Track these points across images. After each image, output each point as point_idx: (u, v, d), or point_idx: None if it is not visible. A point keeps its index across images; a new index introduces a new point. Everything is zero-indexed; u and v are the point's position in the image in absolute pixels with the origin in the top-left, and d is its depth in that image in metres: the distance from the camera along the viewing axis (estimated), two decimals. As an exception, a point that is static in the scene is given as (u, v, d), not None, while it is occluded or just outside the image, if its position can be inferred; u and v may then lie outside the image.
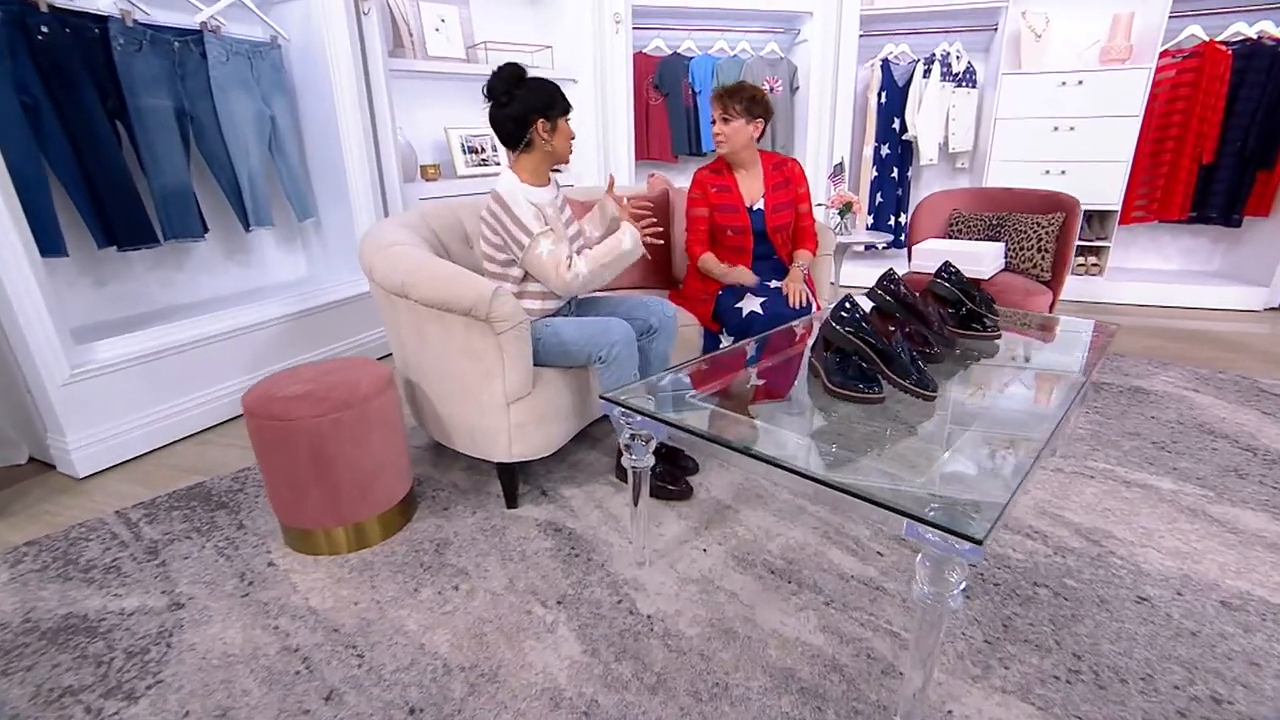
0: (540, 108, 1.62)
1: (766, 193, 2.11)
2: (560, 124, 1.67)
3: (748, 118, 1.98)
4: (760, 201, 2.12)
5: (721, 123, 2.00)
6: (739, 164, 2.11)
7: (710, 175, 2.14)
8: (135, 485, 1.92)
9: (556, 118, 1.66)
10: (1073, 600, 1.32)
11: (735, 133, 1.99)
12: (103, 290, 2.39)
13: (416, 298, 1.55)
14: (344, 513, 1.55)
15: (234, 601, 1.39)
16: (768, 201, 2.11)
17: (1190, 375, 2.54)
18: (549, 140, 1.66)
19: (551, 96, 1.64)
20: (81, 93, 2.02)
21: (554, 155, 1.70)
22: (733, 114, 1.97)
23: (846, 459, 1.12)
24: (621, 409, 1.30)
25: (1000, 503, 0.93)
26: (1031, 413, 1.33)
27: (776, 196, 2.12)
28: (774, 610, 1.34)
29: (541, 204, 1.67)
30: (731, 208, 2.11)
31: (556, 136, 1.67)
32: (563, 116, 1.67)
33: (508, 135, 1.66)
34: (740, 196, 2.11)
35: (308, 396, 1.47)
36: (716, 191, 2.11)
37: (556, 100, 1.65)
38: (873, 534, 1.59)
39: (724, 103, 1.97)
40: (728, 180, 2.12)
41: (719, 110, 1.99)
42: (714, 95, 2.00)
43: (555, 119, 1.66)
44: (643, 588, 1.41)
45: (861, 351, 1.31)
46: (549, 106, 1.63)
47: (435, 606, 1.38)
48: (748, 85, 1.98)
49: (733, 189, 2.11)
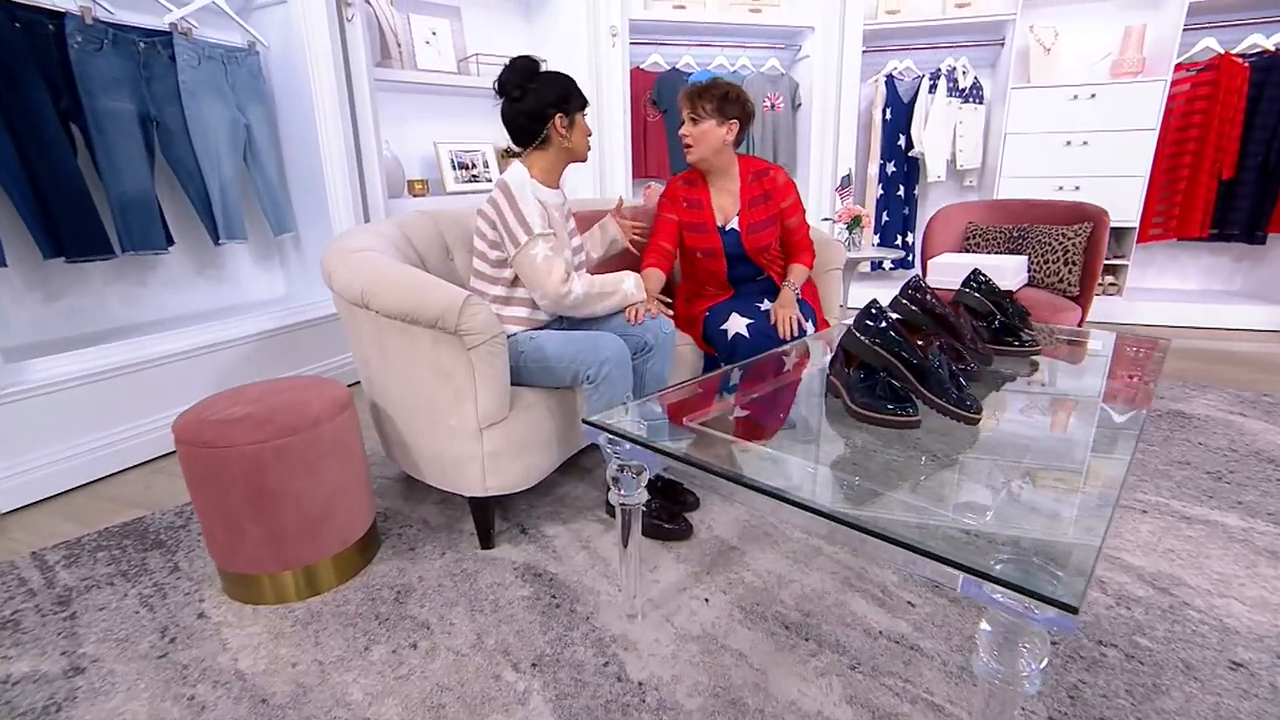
0: (557, 101, 1.53)
1: (742, 209, 1.85)
2: (578, 119, 1.57)
3: (719, 118, 1.74)
4: (734, 220, 1.86)
5: (689, 123, 1.75)
6: (712, 173, 1.85)
7: (682, 186, 1.90)
8: (64, 521, 1.71)
9: (574, 112, 1.56)
10: (1150, 665, 1.10)
11: (704, 135, 1.75)
12: (55, 305, 2.21)
13: (378, 307, 1.37)
14: (289, 555, 1.33)
15: (147, 664, 1.17)
16: (743, 220, 1.85)
17: (1233, 398, 2.34)
18: (567, 136, 1.56)
19: (568, 89, 1.55)
20: (30, 91, 1.87)
21: (572, 152, 1.60)
22: (701, 114, 1.73)
23: (873, 494, 0.92)
24: (609, 435, 1.10)
25: (1090, 551, 0.72)
26: (1093, 439, 1.13)
27: (754, 214, 1.85)
28: (790, 675, 1.12)
29: (549, 205, 1.56)
30: (700, 226, 1.86)
31: (574, 132, 1.57)
32: (580, 111, 1.57)
33: (521, 131, 1.56)
34: (711, 213, 1.86)
35: (247, 420, 1.27)
36: (687, 207, 1.88)
37: (573, 94, 1.56)
38: (900, 580, 1.38)
39: (692, 101, 1.73)
40: (699, 194, 1.87)
41: (686, 109, 1.75)
42: (682, 94, 1.77)
43: (573, 114, 1.56)
44: (634, 646, 1.20)
45: (891, 367, 1.12)
46: (565, 100, 1.54)
47: (388, 669, 1.16)
48: (720, 82, 1.75)
49: (704, 204, 1.86)
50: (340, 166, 2.68)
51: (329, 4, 2.52)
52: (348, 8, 2.60)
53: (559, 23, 3.44)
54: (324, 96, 2.58)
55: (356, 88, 2.70)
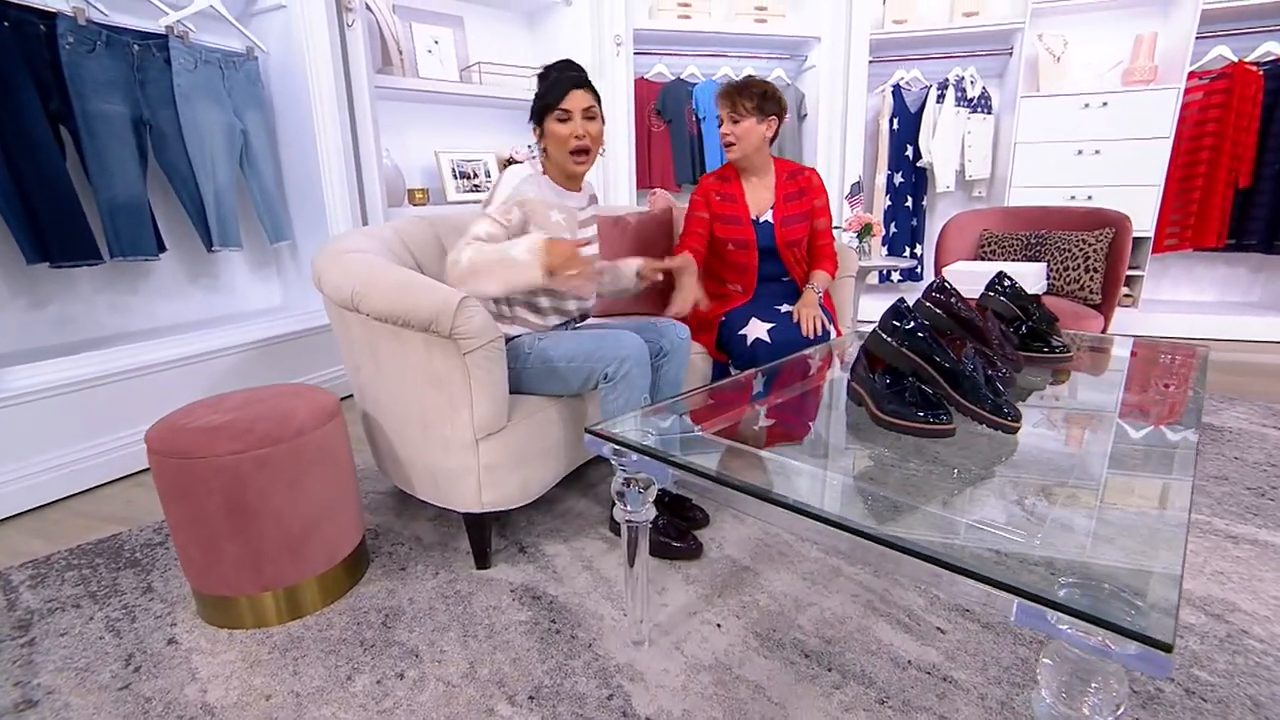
0: (532, 109, 1.49)
1: (777, 203, 1.86)
2: (549, 126, 1.46)
3: (759, 116, 1.75)
4: (769, 213, 1.87)
5: (730, 123, 1.77)
6: (749, 170, 1.87)
7: (716, 182, 1.90)
8: (36, 538, 1.61)
9: (543, 117, 1.47)
10: (1215, 702, 1.00)
11: (746, 133, 1.76)
12: (41, 312, 2.13)
13: (368, 310, 1.28)
14: (269, 575, 1.24)
15: (106, 697, 1.07)
16: (777, 213, 1.86)
17: (1264, 411, 2.24)
18: (543, 143, 1.50)
19: (538, 94, 1.47)
20: (18, 92, 1.81)
21: (554, 162, 1.51)
22: (742, 113, 1.74)
23: (908, 509, 0.82)
24: (614, 445, 1.01)
25: (1169, 581, 0.63)
26: (1145, 453, 1.03)
27: (788, 208, 1.87)
28: (812, 711, 1.02)
29: (547, 204, 1.48)
30: (734, 219, 1.86)
31: (548, 140, 1.48)
32: (550, 114, 1.45)
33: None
34: (745, 207, 1.86)
35: (225, 429, 1.18)
36: (720, 200, 1.87)
37: (542, 96, 1.46)
38: (928, 603, 1.28)
39: (732, 100, 1.74)
40: (734, 189, 1.88)
41: (727, 109, 1.76)
42: (721, 93, 1.77)
43: (542, 119, 1.47)
44: (640, 677, 1.09)
45: (921, 371, 1.03)
46: (534, 107, 1.48)
47: (370, 702, 1.05)
48: (757, 80, 1.76)
49: (738, 198, 1.86)
50: (339, 174, 2.62)
51: (329, 10, 2.49)
52: (348, 13, 2.56)
53: (563, 32, 3.41)
54: (323, 103, 2.54)
55: (356, 95, 2.65)
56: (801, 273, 1.95)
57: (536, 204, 1.45)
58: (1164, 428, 1.10)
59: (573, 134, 1.44)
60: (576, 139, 1.45)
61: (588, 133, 1.45)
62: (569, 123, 1.44)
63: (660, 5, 3.55)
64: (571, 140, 1.44)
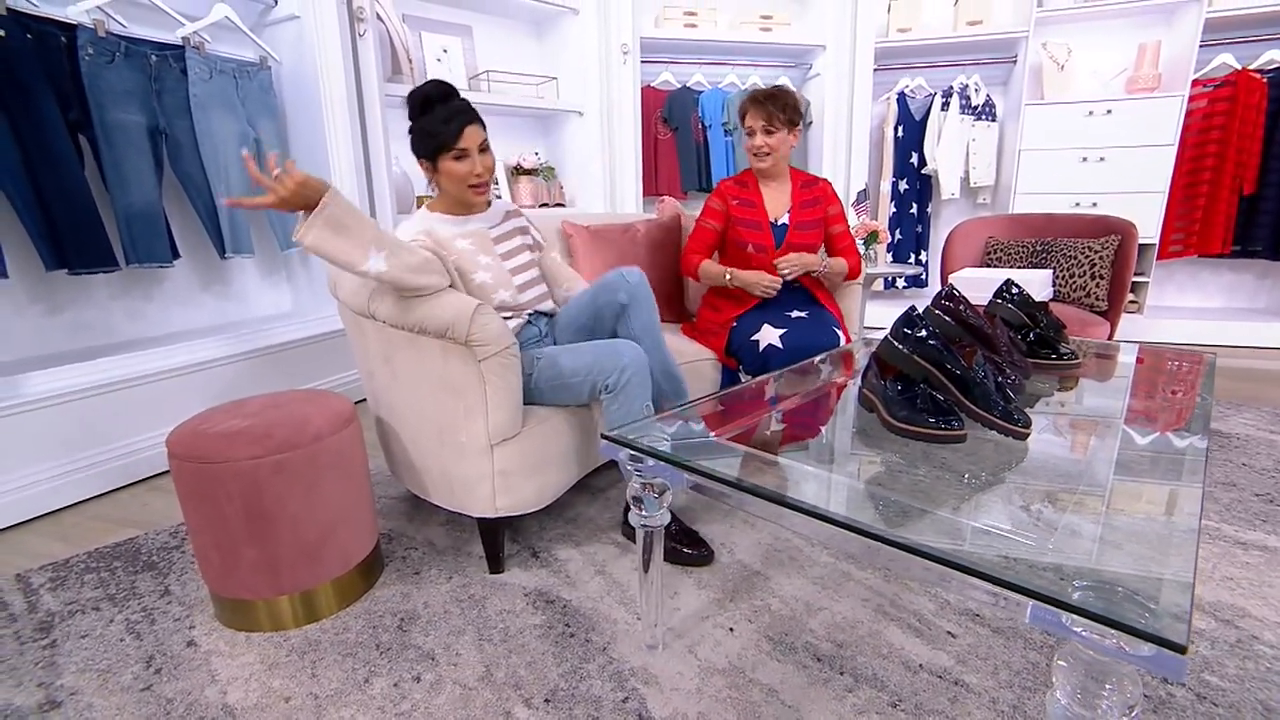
0: (420, 146, 1.42)
1: (794, 208, 1.90)
2: (442, 163, 1.40)
3: (789, 128, 1.79)
4: (785, 216, 1.90)
5: (764, 134, 1.78)
6: (770, 177, 1.90)
7: (735, 187, 1.92)
8: (54, 541, 1.63)
9: (436, 156, 1.40)
10: (1226, 707, 1.00)
11: (781, 144, 1.79)
12: (57, 319, 2.16)
13: (384, 317, 1.31)
14: (286, 579, 1.25)
15: (128, 698, 1.09)
16: (793, 217, 1.90)
17: (1272, 417, 2.24)
18: (435, 180, 1.46)
19: (430, 133, 1.38)
20: (39, 102, 1.84)
21: (448, 196, 1.48)
22: (778, 124, 1.77)
23: (920, 513, 0.84)
24: (630, 452, 1.03)
25: (1181, 587, 0.64)
26: (1153, 459, 1.04)
27: (803, 214, 1.91)
28: (826, 714, 1.03)
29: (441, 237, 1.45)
30: (754, 222, 1.89)
31: (442, 177, 1.43)
32: (445, 153, 1.39)
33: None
34: (765, 212, 1.90)
35: (244, 434, 1.20)
36: (738, 205, 1.90)
37: (435, 134, 1.38)
38: (938, 608, 1.28)
39: (768, 111, 1.75)
40: (753, 195, 1.91)
41: (762, 119, 1.76)
42: (753, 100, 1.78)
43: (435, 158, 1.41)
44: (655, 680, 1.10)
45: (932, 378, 1.04)
46: (424, 145, 1.41)
47: (388, 704, 1.07)
48: (784, 90, 1.79)
49: (758, 204, 1.90)
50: (350, 182, 2.65)
51: (341, 20, 2.52)
52: (360, 23, 2.60)
53: (570, 40, 3.44)
54: (335, 112, 2.57)
55: (367, 103, 2.68)
56: (811, 281, 1.97)
57: (441, 240, 1.45)
58: (1172, 434, 1.11)
59: (471, 172, 1.41)
60: (476, 176, 1.42)
61: (486, 167, 1.43)
62: (466, 160, 1.40)
63: (666, 14, 3.59)
64: (471, 178, 1.42)
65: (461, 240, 1.48)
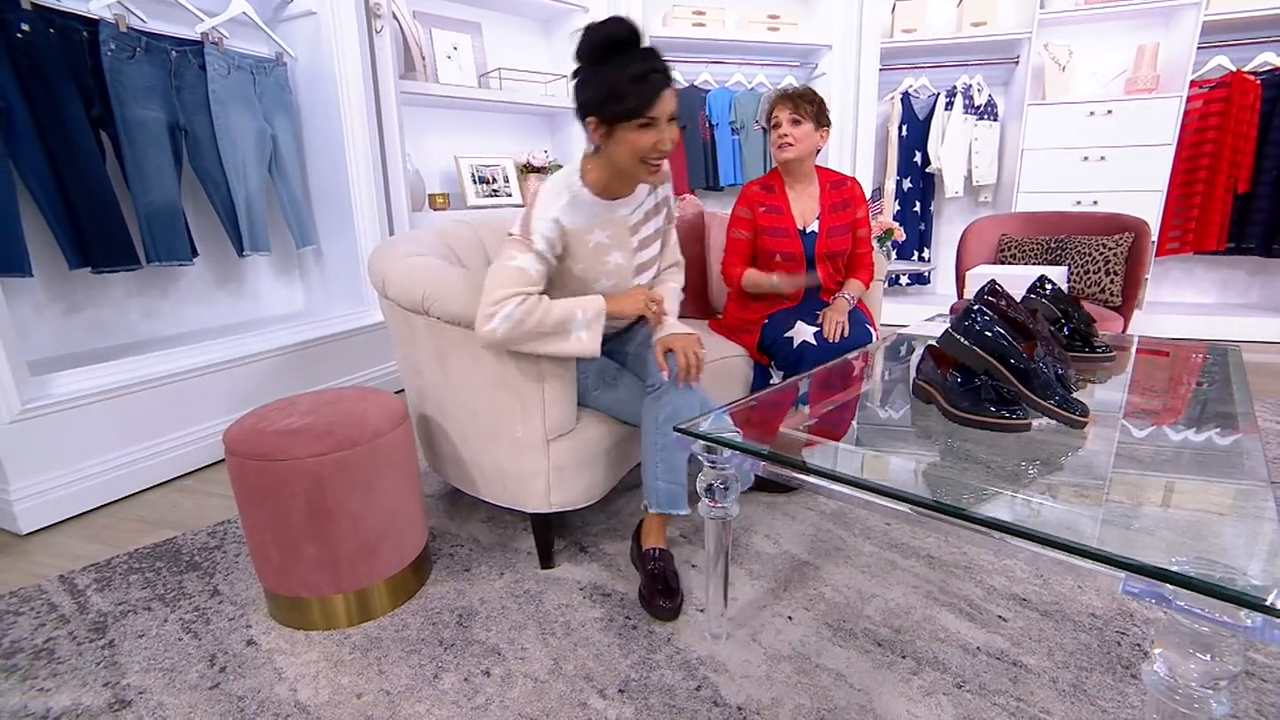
0: (595, 102, 1.17)
1: (823, 214, 1.87)
2: (622, 130, 1.17)
3: (816, 124, 1.78)
4: (815, 223, 1.88)
5: (790, 125, 1.77)
6: (796, 178, 1.88)
7: (760, 192, 1.90)
8: (90, 543, 1.61)
9: (616, 121, 1.16)
10: (1275, 682, 1.05)
11: (805, 137, 1.77)
12: (76, 318, 2.13)
13: (439, 313, 1.31)
14: (345, 576, 1.25)
15: (198, 696, 1.08)
16: (823, 224, 1.87)
17: (1272, 408, 2.32)
18: (604, 145, 1.22)
19: (614, 90, 1.13)
20: (63, 98, 1.81)
21: (614, 167, 1.25)
22: (803, 115, 1.76)
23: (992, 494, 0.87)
24: (705, 444, 1.04)
25: (1273, 557, 0.68)
26: (1206, 446, 1.08)
27: (834, 219, 1.88)
28: (895, 695, 1.06)
29: (587, 228, 1.29)
30: (781, 231, 1.87)
31: (614, 145, 1.19)
32: (630, 120, 1.15)
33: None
34: (791, 218, 1.87)
35: (305, 431, 1.20)
36: (764, 212, 1.88)
37: (621, 96, 1.13)
38: (985, 593, 1.32)
39: (794, 102, 1.75)
40: (779, 200, 1.88)
41: (788, 110, 1.76)
42: (780, 96, 1.78)
43: (614, 122, 1.17)
44: (723, 668, 1.12)
45: (994, 369, 1.08)
46: (603, 104, 1.16)
47: (463, 698, 1.08)
48: (813, 89, 1.80)
49: (784, 210, 1.87)
50: (366, 179, 2.64)
51: (358, 16, 2.51)
52: (377, 20, 2.58)
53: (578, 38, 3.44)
54: (351, 108, 2.55)
55: (384, 100, 2.67)
56: (836, 283, 1.94)
57: (573, 233, 1.27)
58: (1218, 425, 1.15)
59: (656, 145, 1.18)
60: (660, 150, 1.19)
61: (673, 140, 1.20)
62: (653, 129, 1.17)
63: (674, 14, 3.60)
64: (654, 151, 1.19)
65: (598, 234, 1.30)
